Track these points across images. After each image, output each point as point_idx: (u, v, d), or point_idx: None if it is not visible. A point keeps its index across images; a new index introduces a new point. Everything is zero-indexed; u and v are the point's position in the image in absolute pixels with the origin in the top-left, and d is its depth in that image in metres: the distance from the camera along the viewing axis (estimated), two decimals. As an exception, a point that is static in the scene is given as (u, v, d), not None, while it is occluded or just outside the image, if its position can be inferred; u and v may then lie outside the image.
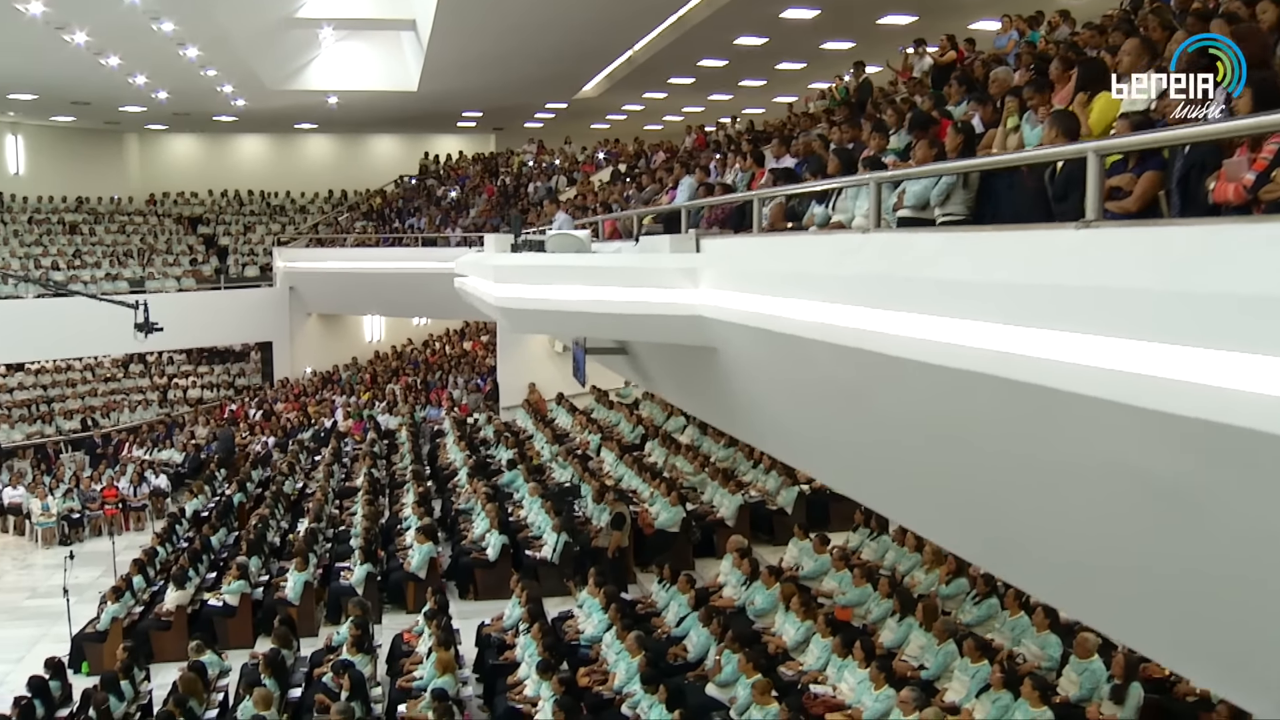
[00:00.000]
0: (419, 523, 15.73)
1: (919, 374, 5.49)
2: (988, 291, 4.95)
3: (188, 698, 10.68)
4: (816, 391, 7.46)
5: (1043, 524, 5.10)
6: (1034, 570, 5.77)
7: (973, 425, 5.22)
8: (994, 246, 5.20)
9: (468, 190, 31.55)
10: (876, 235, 6.53)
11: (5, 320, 26.44)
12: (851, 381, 6.60)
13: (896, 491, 6.99)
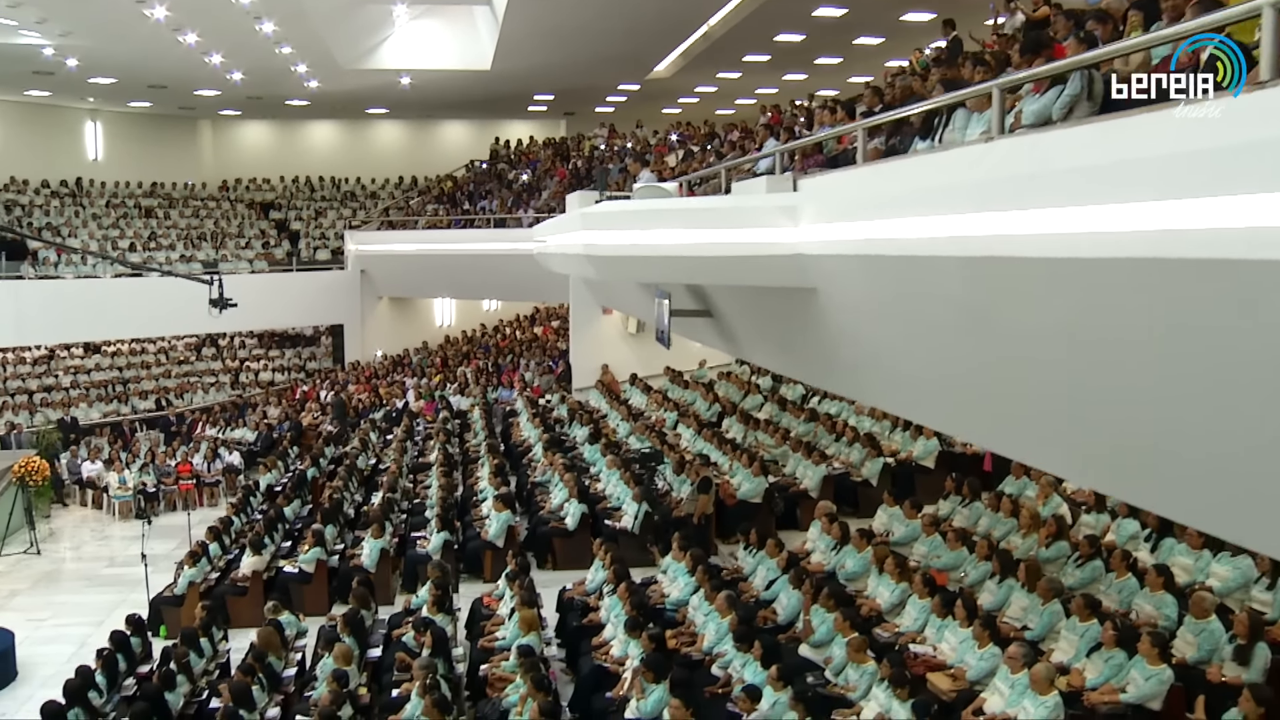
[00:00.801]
0: (496, 492, 15.49)
1: (1062, 272, 5.10)
2: (1136, 169, 4.55)
3: (266, 653, 10.50)
4: (932, 318, 7.06)
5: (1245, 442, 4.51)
6: (1233, 512, 5.02)
7: (1132, 321, 4.80)
8: (1137, 126, 4.81)
9: (539, 174, 31.34)
10: (1001, 141, 6.14)
11: (84, 300, 26.92)
12: (976, 298, 6.21)
13: (1027, 422, 6.55)
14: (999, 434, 7.33)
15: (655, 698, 8.90)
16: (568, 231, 12.87)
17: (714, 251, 9.43)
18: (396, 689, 10.10)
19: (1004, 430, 7.05)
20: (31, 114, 32.31)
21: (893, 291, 7.51)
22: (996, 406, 6.85)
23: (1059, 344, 5.50)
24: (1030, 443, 6.79)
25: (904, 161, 7.66)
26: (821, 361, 10.39)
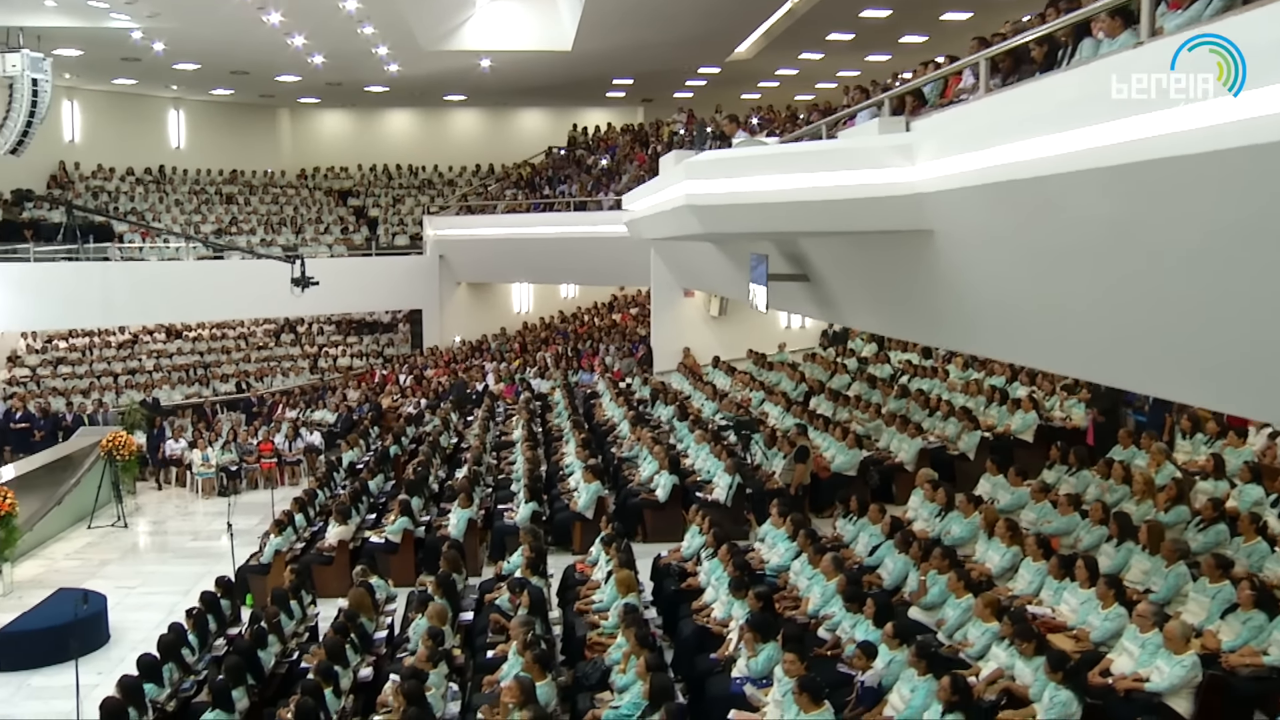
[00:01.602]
0: (584, 464, 15.25)
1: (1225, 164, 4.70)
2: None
3: (358, 613, 10.31)
4: (1069, 242, 6.68)
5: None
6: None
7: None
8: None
9: (618, 159, 31.11)
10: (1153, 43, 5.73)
11: (167, 282, 27.29)
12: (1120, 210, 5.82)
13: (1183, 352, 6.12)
14: (1148, 370, 6.88)
15: (765, 655, 8.58)
16: (665, 188, 12.58)
17: (825, 195, 9.10)
18: (491, 650, 9.87)
19: (1155, 364, 6.62)
20: (117, 103, 32.79)
21: (1024, 220, 7.13)
22: (1143, 338, 6.44)
23: (1217, 252, 5.11)
24: (1187, 376, 6.36)
25: (1038, 81, 7.23)
26: (932, 314, 10.01)
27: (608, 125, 34.97)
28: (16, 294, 25.03)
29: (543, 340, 30.87)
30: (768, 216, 9.82)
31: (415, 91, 33.40)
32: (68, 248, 26.49)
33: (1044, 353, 8.52)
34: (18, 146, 22.64)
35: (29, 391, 25.20)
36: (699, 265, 22.09)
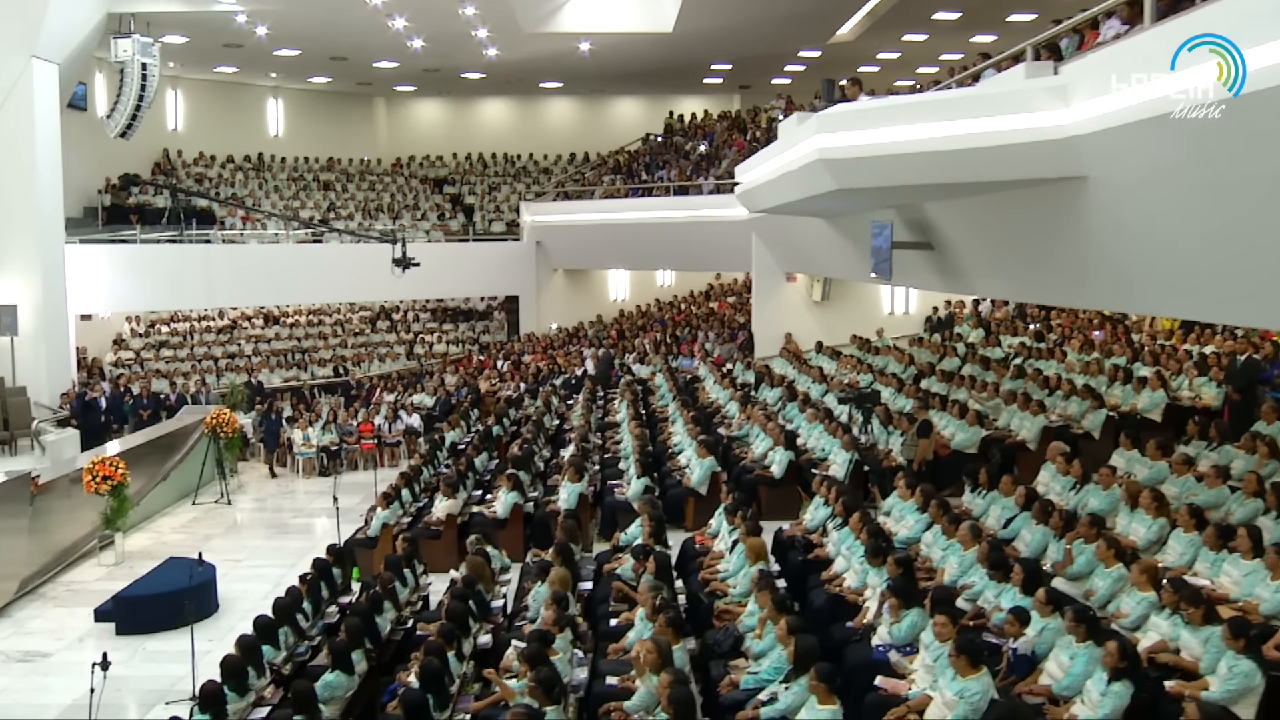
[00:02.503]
0: (696, 441, 14.88)
1: None
2: None
3: (475, 579, 10.02)
4: (1253, 173, 6.15)
5: None
6: None
7: None
8: None
9: (717, 144, 30.75)
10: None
11: (268, 265, 27.54)
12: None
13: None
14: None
15: (909, 622, 8.16)
16: (789, 149, 12.15)
17: (970, 144, 8.62)
18: (615, 619, 9.54)
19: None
20: (218, 92, 33.23)
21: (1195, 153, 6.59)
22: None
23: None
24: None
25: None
26: (1078, 271, 9.48)
27: (704, 113, 34.65)
28: (125, 275, 25.39)
29: (640, 327, 30.68)
30: (907, 168, 9.36)
31: (511, 78, 33.29)
32: (171, 232, 26.86)
33: (1216, 303, 7.96)
34: (127, 130, 22.84)
35: (133, 373, 25.46)
36: (804, 246, 21.65)
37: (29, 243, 21.48)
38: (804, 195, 11.95)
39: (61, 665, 11.38)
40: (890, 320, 25.76)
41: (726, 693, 7.94)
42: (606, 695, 8.09)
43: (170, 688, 10.45)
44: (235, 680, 8.27)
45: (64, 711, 10.16)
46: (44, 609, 13.19)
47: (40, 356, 21.63)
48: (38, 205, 21.39)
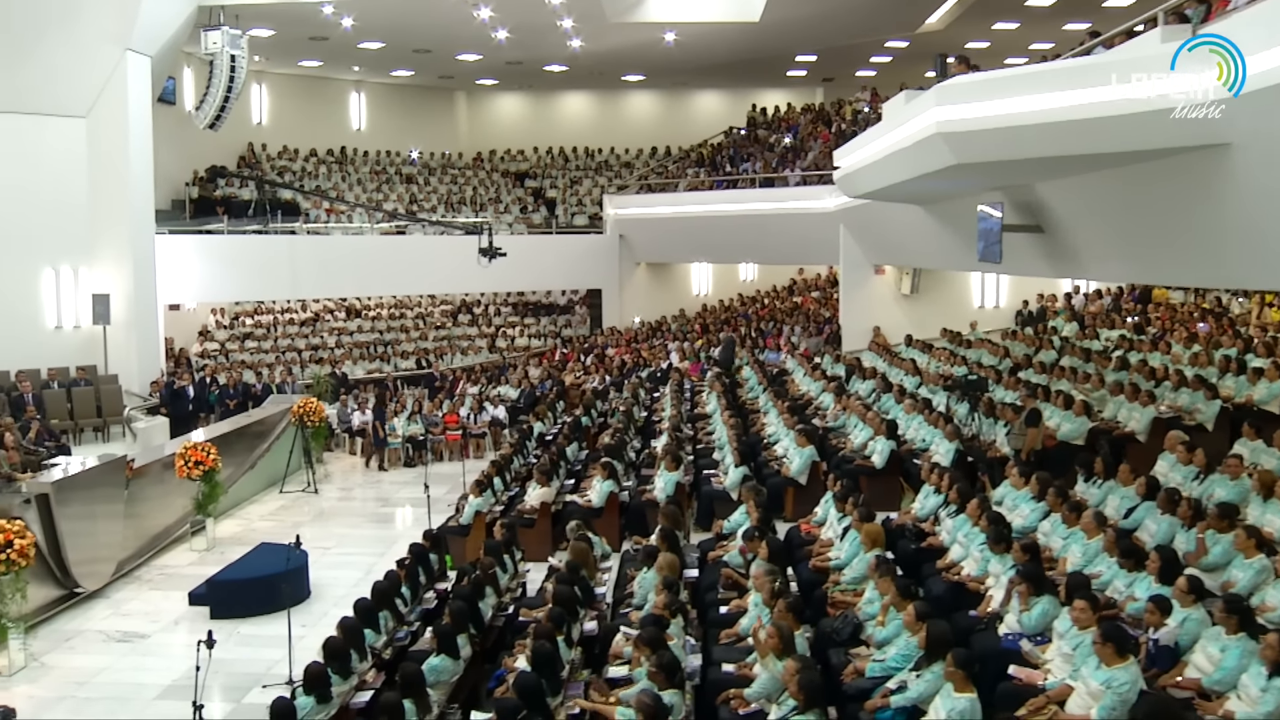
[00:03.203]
0: (794, 430, 14.53)
1: None
2: None
3: (579, 565, 9.76)
4: None
5: None
6: None
7: None
8: None
9: (802, 137, 30.35)
10: None
11: (352, 256, 27.65)
12: None
13: None
14: None
15: (1040, 610, 7.78)
16: (898, 127, 11.76)
17: (1103, 111, 8.18)
18: (725, 606, 9.23)
19: None
20: (302, 86, 33.47)
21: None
22: None
23: None
24: None
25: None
26: (1214, 249, 9.00)
27: (787, 106, 34.23)
28: (212, 266, 25.59)
29: (723, 321, 30.38)
30: (1033, 140, 8.94)
31: (594, 72, 33.12)
32: (257, 224, 27.04)
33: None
34: (215, 121, 22.98)
35: (218, 364, 25.62)
36: (896, 237, 21.23)
37: (121, 233, 21.72)
38: (915, 174, 11.56)
39: (158, 646, 11.35)
40: (980, 314, 25.22)
41: (851, 681, 7.60)
42: (722, 683, 7.80)
43: (266, 671, 10.34)
44: (338, 663, 8.07)
45: (163, 692, 10.10)
46: (139, 591, 13.19)
47: (131, 345, 21.87)
48: (130, 196, 21.60)
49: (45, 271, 21.60)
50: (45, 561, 11.93)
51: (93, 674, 10.61)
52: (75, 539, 12.49)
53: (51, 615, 12.05)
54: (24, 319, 21.25)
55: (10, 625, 10.55)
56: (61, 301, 21.80)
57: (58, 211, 21.32)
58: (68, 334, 21.90)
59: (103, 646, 11.38)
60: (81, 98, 21.41)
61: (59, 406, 20.10)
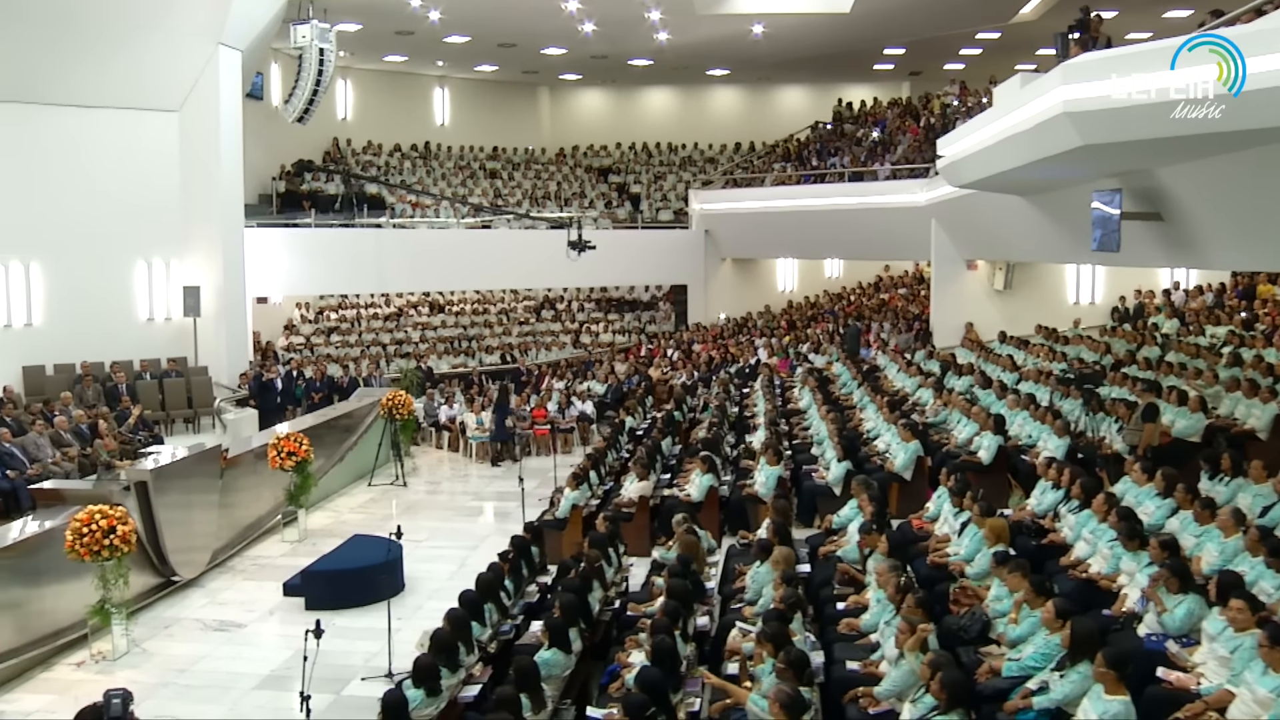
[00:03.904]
0: (897, 425, 14.12)
1: None
2: None
3: (690, 559, 9.44)
4: None
5: None
6: None
7: None
8: None
9: (889, 131, 29.84)
10: None
11: (437, 250, 27.67)
12: None
13: None
14: None
15: (1185, 610, 7.35)
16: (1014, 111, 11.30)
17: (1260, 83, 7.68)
18: (842, 603, 8.87)
19: None
20: (387, 81, 33.54)
21: None
22: None
23: None
24: None
25: None
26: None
27: (873, 100, 33.71)
28: (300, 260, 25.73)
29: (809, 318, 29.94)
30: (1171, 118, 8.43)
31: (677, 66, 32.87)
32: (343, 218, 27.13)
33: None
34: (304, 115, 23.04)
35: (305, 357, 25.69)
36: (993, 230, 20.73)
37: (212, 226, 21.84)
38: (1034, 158, 11.10)
39: (255, 636, 11.27)
40: (1075, 310, 24.57)
41: (986, 680, 7.20)
42: (847, 680, 7.45)
43: (364, 664, 10.19)
44: (447, 655, 7.83)
45: (261, 682, 10.00)
46: (234, 581, 13.11)
47: (220, 338, 21.98)
48: (220, 190, 21.71)
49: (138, 264, 21.78)
50: (144, 549, 11.86)
51: (192, 661, 10.52)
52: (172, 527, 12.42)
53: (150, 603, 11.99)
54: (117, 311, 21.48)
55: (113, 611, 10.47)
56: (154, 294, 21.95)
57: (150, 205, 21.51)
58: (159, 326, 22.05)
59: (200, 635, 11.31)
60: (174, 92, 21.54)
61: (151, 397, 20.23)
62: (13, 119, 19.95)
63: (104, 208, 21.01)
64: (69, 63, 19.78)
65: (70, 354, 20.62)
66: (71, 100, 20.50)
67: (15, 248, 20.47)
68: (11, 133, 20.00)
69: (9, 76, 19.49)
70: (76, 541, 10.22)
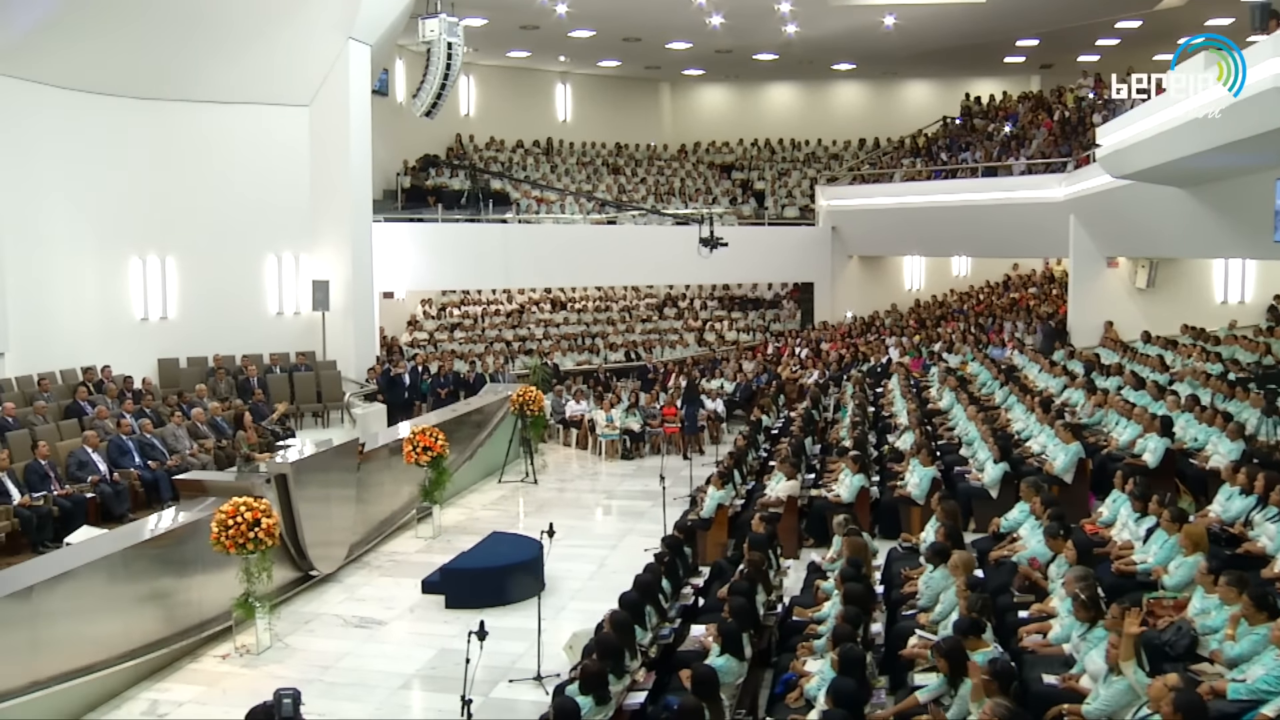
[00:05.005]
0: (1053, 426, 13.42)
1: None
2: None
3: (860, 561, 8.91)
4: None
5: None
6: None
7: None
8: None
9: (1022, 125, 28.89)
10: None
11: (563, 245, 27.56)
12: None
13: None
14: None
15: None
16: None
17: None
18: (1024, 611, 8.28)
19: None
20: (510, 77, 33.50)
21: None
22: None
23: None
24: None
25: None
26: None
27: (1003, 94, 32.75)
28: (426, 255, 25.66)
29: (938, 317, 29.19)
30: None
31: (803, 61, 32.23)
32: (469, 213, 27.05)
33: None
34: (432, 109, 22.87)
35: (429, 353, 25.65)
36: (1141, 226, 19.89)
37: (341, 221, 21.84)
38: (1225, 141, 10.34)
39: (396, 634, 11.02)
40: (1223, 310, 23.52)
41: (1209, 702, 6.53)
42: (1046, 696, 6.87)
43: (511, 665, 9.84)
44: (614, 660, 7.41)
45: (407, 681, 9.76)
46: (371, 577, 12.89)
47: (349, 332, 21.99)
48: (350, 184, 21.69)
49: (268, 259, 21.90)
50: (283, 542, 11.68)
51: (335, 658, 10.29)
52: (311, 521, 12.24)
53: (289, 597, 11.83)
54: (248, 305, 21.68)
55: (257, 605, 10.28)
56: (283, 288, 22.04)
57: (280, 200, 21.65)
58: (288, 320, 22.16)
59: (341, 631, 11.09)
60: (305, 87, 21.60)
61: (281, 391, 20.25)
62: (148, 116, 20.19)
63: (235, 203, 21.20)
64: (202, 60, 19.95)
65: (202, 347, 20.80)
66: (205, 96, 20.72)
67: (152, 242, 20.74)
68: (147, 130, 20.23)
69: (144, 74, 19.71)
70: (222, 534, 10.05)
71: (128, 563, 9.91)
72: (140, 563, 10.06)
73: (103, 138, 19.68)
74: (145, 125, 20.16)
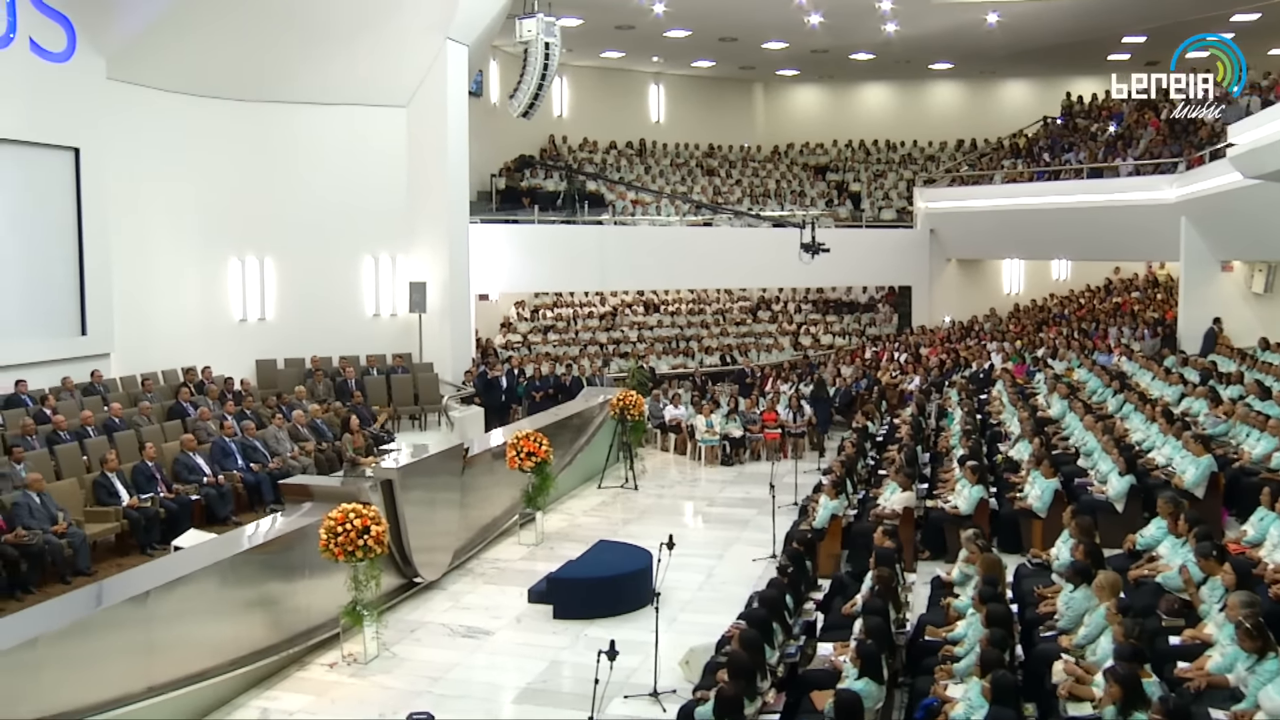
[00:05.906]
0: (1180, 437, 12.83)
1: None
2: None
3: (996, 579, 8.49)
4: None
5: None
6: None
7: None
8: None
9: (1128, 124, 28.05)
10: None
11: (658, 247, 27.43)
12: None
13: None
14: None
15: None
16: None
17: None
18: (1174, 637, 7.81)
19: None
20: (603, 78, 33.42)
21: None
22: None
23: None
24: None
25: None
26: None
27: (1105, 93, 31.89)
28: (522, 256, 25.60)
29: (1039, 322, 28.55)
30: None
31: (900, 60, 31.76)
32: (565, 215, 26.94)
33: None
34: (529, 110, 22.79)
35: (524, 355, 25.52)
36: (1261, 228, 19.09)
37: (438, 222, 21.80)
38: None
39: (505, 645, 10.74)
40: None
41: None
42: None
43: (625, 680, 9.44)
44: (746, 682, 7.07)
45: (520, 694, 9.49)
46: (475, 585, 12.65)
47: (445, 334, 21.93)
48: (447, 185, 21.63)
49: (365, 260, 21.90)
50: (388, 549, 11.50)
51: (444, 669, 10.05)
52: (416, 527, 12.06)
53: (394, 605, 11.64)
54: (344, 306, 21.72)
55: (365, 613, 10.10)
56: (380, 290, 22.03)
57: (377, 201, 21.66)
58: (385, 322, 22.17)
59: (448, 641, 10.86)
60: (402, 88, 21.58)
61: (379, 394, 20.21)
62: (248, 118, 20.34)
63: (333, 204, 21.26)
64: (301, 61, 20.04)
65: (299, 349, 20.85)
66: (303, 98, 20.81)
67: (250, 244, 20.87)
68: (247, 131, 20.38)
69: (244, 77, 19.84)
70: (331, 541, 9.88)
71: (237, 568, 9.79)
72: (249, 568, 9.94)
73: (204, 140, 19.86)
74: (245, 127, 20.30)
